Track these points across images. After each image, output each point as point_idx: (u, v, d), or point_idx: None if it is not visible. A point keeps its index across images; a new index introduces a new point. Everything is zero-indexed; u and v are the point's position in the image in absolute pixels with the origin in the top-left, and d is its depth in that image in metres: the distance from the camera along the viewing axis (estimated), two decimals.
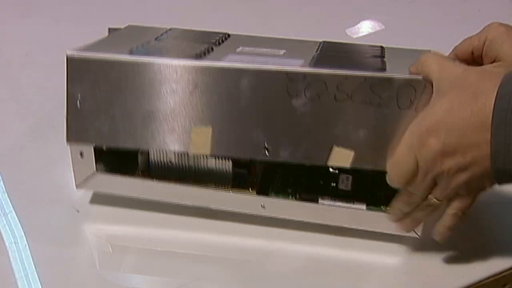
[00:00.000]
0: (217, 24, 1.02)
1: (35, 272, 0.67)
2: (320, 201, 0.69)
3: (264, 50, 0.71)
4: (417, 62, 0.62)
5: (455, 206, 0.61)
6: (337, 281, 0.67)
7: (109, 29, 0.80)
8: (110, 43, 0.72)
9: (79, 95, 0.66)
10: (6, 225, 0.72)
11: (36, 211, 0.74)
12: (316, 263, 0.68)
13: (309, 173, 0.71)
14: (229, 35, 0.78)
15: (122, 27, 0.81)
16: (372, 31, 1.02)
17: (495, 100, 0.52)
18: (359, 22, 1.02)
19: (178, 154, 0.70)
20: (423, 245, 0.68)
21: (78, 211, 0.71)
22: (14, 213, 0.74)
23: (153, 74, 0.65)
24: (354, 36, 1.01)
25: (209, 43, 0.72)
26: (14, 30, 1.05)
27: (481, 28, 0.77)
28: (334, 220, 0.69)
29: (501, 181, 0.56)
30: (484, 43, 0.72)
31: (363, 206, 0.68)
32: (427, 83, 0.60)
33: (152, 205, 0.72)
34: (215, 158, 0.70)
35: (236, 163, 0.70)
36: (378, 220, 0.67)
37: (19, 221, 0.73)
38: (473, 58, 0.75)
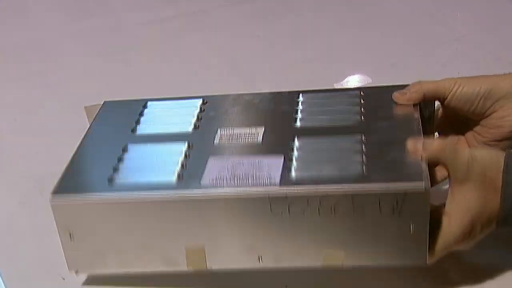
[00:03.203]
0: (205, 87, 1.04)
1: None
2: None
3: (243, 132, 0.72)
4: (416, 143, 0.65)
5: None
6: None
7: (85, 108, 0.81)
8: (88, 161, 0.73)
9: (69, 232, 0.68)
10: None
11: (22, 277, 0.74)
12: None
13: None
14: (205, 102, 0.79)
15: (99, 103, 0.81)
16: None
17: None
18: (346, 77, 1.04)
19: None
20: None
21: (63, 279, 0.71)
22: (0, 279, 0.73)
23: (136, 210, 0.67)
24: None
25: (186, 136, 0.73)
26: (1, 95, 1.06)
27: None
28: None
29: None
30: None
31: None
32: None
33: None
34: None
35: None
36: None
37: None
38: None
